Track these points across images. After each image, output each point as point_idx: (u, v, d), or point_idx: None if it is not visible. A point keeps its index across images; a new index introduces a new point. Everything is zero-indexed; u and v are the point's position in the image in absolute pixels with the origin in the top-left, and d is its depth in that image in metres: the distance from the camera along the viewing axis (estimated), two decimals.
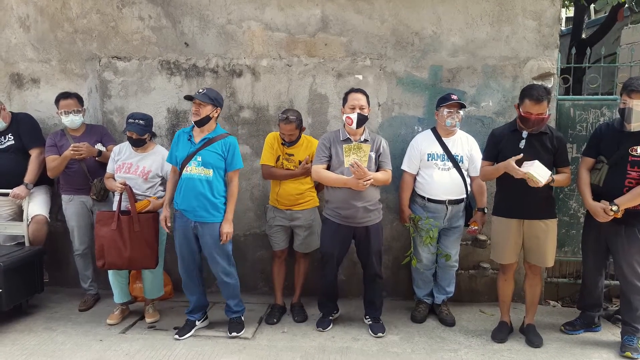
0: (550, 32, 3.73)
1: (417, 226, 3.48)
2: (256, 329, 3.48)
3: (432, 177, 3.46)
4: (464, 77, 3.77)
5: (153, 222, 3.39)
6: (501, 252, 3.27)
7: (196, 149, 3.14)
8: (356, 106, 3.18)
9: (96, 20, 3.99)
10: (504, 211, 3.24)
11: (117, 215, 3.34)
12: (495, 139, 3.23)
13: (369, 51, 3.81)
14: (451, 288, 3.68)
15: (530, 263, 3.26)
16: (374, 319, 3.46)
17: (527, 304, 3.35)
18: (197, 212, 3.15)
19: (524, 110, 3.03)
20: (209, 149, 3.15)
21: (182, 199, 3.17)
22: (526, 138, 3.08)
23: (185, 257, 3.28)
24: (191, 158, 3.13)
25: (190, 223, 3.19)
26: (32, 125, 3.93)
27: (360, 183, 3.09)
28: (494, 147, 3.22)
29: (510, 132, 3.17)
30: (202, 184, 3.12)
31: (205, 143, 3.15)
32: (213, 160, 3.14)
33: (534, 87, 3.05)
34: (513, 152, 3.06)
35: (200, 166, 3.13)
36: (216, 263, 3.24)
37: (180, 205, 3.19)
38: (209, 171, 3.14)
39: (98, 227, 3.36)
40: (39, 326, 3.52)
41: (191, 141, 3.18)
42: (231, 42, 3.90)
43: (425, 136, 3.56)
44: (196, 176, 3.13)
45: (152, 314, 3.62)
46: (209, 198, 3.14)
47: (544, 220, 3.15)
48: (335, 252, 3.34)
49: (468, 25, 3.73)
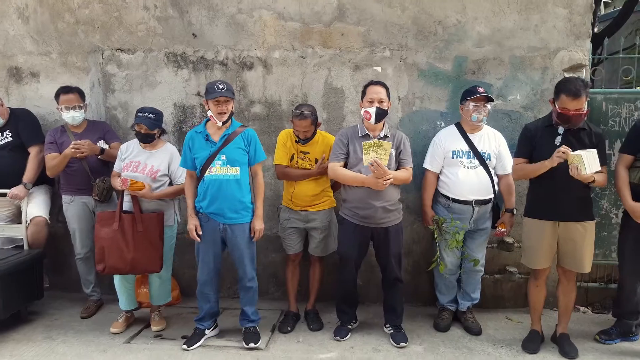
0: (582, 21, 3.50)
1: (441, 228, 3.26)
2: (269, 338, 3.26)
3: (457, 176, 3.23)
4: (490, 68, 3.55)
5: (157, 222, 3.19)
6: (534, 256, 3.05)
7: (218, 148, 2.96)
8: (375, 99, 2.98)
9: (99, 10, 3.79)
10: (537, 212, 3.01)
11: (119, 214, 3.13)
12: (529, 134, 3.01)
13: (389, 41, 3.58)
14: (477, 294, 3.46)
15: (564, 268, 3.03)
16: (395, 327, 3.25)
17: (560, 312, 3.12)
18: (227, 214, 2.99)
19: (560, 106, 2.81)
20: (232, 145, 2.98)
21: (210, 202, 2.98)
22: (563, 134, 2.86)
23: (209, 262, 3.08)
24: (214, 158, 2.96)
25: (218, 226, 3.01)
26: (31, 121, 3.74)
27: (379, 182, 2.89)
28: (528, 143, 2.99)
29: (545, 127, 2.96)
30: (231, 184, 2.96)
31: (226, 140, 2.98)
32: (238, 157, 2.99)
33: (571, 81, 2.83)
34: (548, 150, 2.86)
35: (226, 165, 2.95)
36: (244, 266, 3.08)
37: (208, 209, 3.00)
38: (235, 169, 2.97)
39: (98, 228, 3.16)
40: (38, 335, 3.32)
41: (209, 140, 2.99)
42: (241, 32, 3.68)
43: (449, 132, 3.33)
44: (223, 176, 2.95)
45: (159, 322, 3.42)
46: (239, 198, 2.99)
47: (581, 223, 2.93)
48: (353, 254, 3.14)
49: (494, 13, 3.50)
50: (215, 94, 2.89)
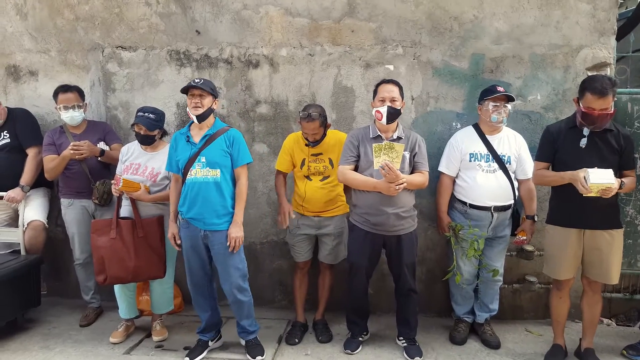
0: (607, 17, 3.30)
1: (458, 236, 3.08)
2: (276, 351, 3.10)
3: (475, 180, 3.06)
4: (508, 67, 3.36)
5: (158, 225, 3.06)
6: (557, 266, 2.86)
7: (198, 149, 2.79)
8: (387, 98, 2.81)
9: (99, 6, 3.64)
10: (561, 220, 2.83)
11: (116, 221, 2.98)
12: (551, 136, 2.82)
13: (402, 38, 3.41)
14: (495, 305, 3.28)
15: (589, 279, 2.84)
16: (409, 340, 3.07)
17: (585, 326, 2.94)
18: (206, 220, 2.79)
19: (585, 105, 2.63)
20: (213, 147, 2.79)
21: (189, 206, 2.81)
22: (588, 136, 2.68)
23: (194, 270, 2.91)
24: (194, 160, 2.78)
25: (199, 232, 2.83)
26: (29, 121, 3.61)
27: (391, 187, 2.71)
28: (550, 146, 2.81)
29: (568, 129, 2.78)
30: (209, 187, 2.77)
31: (207, 141, 2.80)
32: (219, 159, 2.79)
33: (597, 79, 2.64)
34: (572, 153, 2.69)
35: (206, 167, 2.78)
36: (229, 278, 2.87)
37: (187, 214, 2.83)
38: (215, 172, 2.78)
39: (95, 238, 3.00)
40: (34, 344, 3.18)
41: (190, 142, 2.83)
42: (247, 29, 3.52)
43: (466, 133, 3.15)
44: (202, 179, 2.77)
45: (160, 331, 3.27)
46: (219, 202, 2.79)
47: (609, 231, 2.75)
48: (364, 263, 2.97)
49: (514, 9, 3.31)
50: (189, 86, 2.75)
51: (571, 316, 3.35)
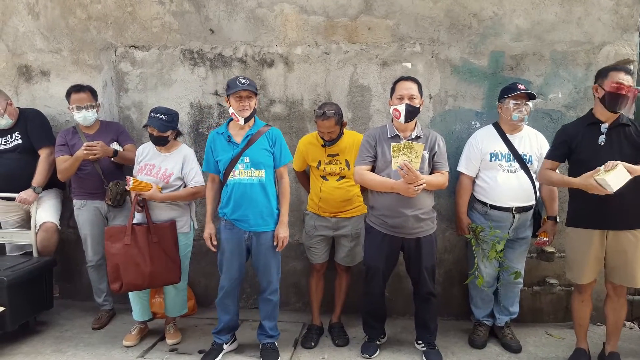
0: (630, 13, 3.22)
1: (478, 237, 3.01)
2: (292, 355, 3.04)
3: (496, 181, 2.98)
4: (529, 64, 3.29)
5: (170, 230, 3.00)
6: (579, 270, 2.78)
7: (241, 149, 2.75)
8: (405, 96, 2.74)
9: (111, 5, 3.60)
10: (582, 221, 2.74)
11: (130, 227, 2.93)
12: (566, 136, 2.73)
13: (419, 36, 3.34)
14: (515, 308, 3.20)
15: (614, 283, 2.76)
16: (429, 344, 3.00)
17: (609, 331, 2.86)
18: (251, 222, 2.78)
19: (613, 81, 2.54)
20: (256, 146, 2.77)
21: (234, 208, 2.78)
22: (606, 132, 2.61)
23: (233, 272, 2.88)
24: (237, 161, 2.75)
25: (243, 234, 2.80)
26: (41, 122, 3.57)
27: (410, 188, 2.63)
28: (562, 145, 2.73)
29: (585, 127, 2.69)
30: (255, 188, 2.75)
31: (249, 140, 2.77)
32: (263, 158, 2.77)
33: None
34: (591, 151, 2.61)
35: (250, 168, 2.75)
36: (269, 277, 2.88)
37: (232, 216, 2.79)
38: (260, 172, 2.76)
39: (109, 245, 2.93)
40: (47, 348, 3.14)
41: (232, 142, 2.79)
42: (261, 27, 3.47)
43: (486, 132, 3.08)
44: (247, 180, 2.75)
45: (174, 334, 3.22)
46: (264, 203, 2.78)
47: (633, 231, 2.66)
48: (381, 265, 2.90)
49: (534, 5, 3.24)
50: (237, 88, 2.70)
51: (593, 319, 3.27)
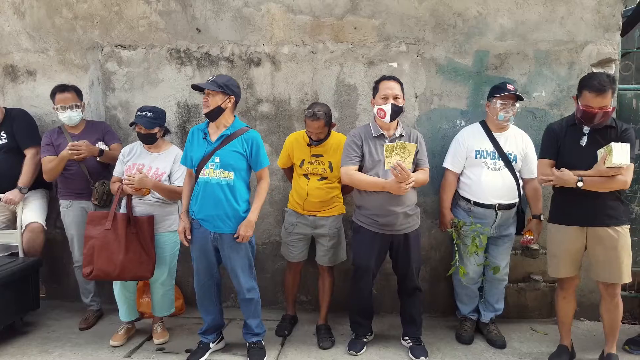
0: (611, 12, 3.27)
1: (460, 232, 3.04)
2: (279, 353, 3.05)
3: (480, 178, 3.02)
4: (513, 63, 3.32)
5: (148, 225, 2.99)
6: (556, 263, 2.84)
7: (213, 149, 2.71)
8: (389, 96, 2.77)
9: (98, 4, 3.59)
10: (561, 218, 2.80)
11: (113, 214, 2.94)
12: (554, 134, 2.78)
13: (405, 35, 3.37)
14: (500, 305, 3.24)
15: (605, 283, 2.78)
16: (415, 339, 3.03)
17: (606, 331, 2.86)
18: (216, 222, 2.74)
19: (583, 104, 2.59)
20: (228, 148, 2.72)
21: (200, 207, 2.75)
22: (588, 134, 2.65)
23: (201, 272, 2.87)
24: (208, 159, 2.70)
25: (209, 234, 2.77)
26: (27, 122, 3.55)
27: (402, 187, 2.67)
28: (554, 144, 2.76)
29: (569, 127, 2.74)
30: (221, 190, 2.71)
31: (223, 141, 2.72)
32: (233, 161, 2.71)
33: (595, 76, 2.58)
34: (573, 151, 2.66)
35: (219, 168, 2.70)
36: (238, 278, 2.84)
37: (198, 215, 2.77)
38: (229, 174, 2.71)
39: (89, 228, 2.95)
40: (33, 349, 3.12)
41: (207, 139, 2.75)
42: (248, 27, 3.48)
43: (473, 130, 3.12)
44: (214, 180, 2.70)
45: (161, 334, 3.22)
46: (230, 205, 2.72)
47: (614, 227, 2.70)
48: (371, 264, 2.93)
49: (518, 5, 3.28)
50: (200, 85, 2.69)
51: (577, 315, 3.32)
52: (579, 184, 2.60)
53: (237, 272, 2.82)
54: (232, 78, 2.80)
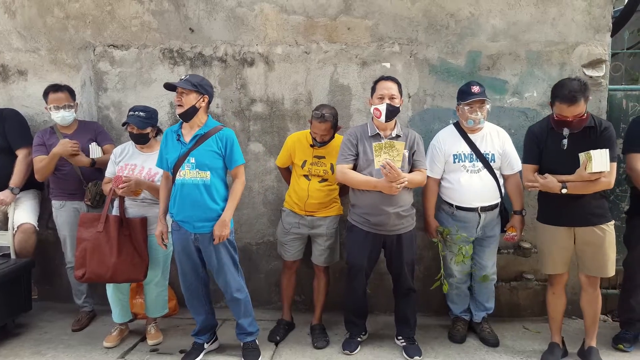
0: (602, 14, 3.31)
1: (446, 240, 3.05)
2: (273, 353, 3.06)
3: (460, 182, 3.00)
4: (505, 64, 3.35)
5: (141, 227, 2.98)
6: (547, 260, 2.89)
7: (187, 150, 2.69)
8: (385, 96, 2.78)
9: (90, 4, 3.57)
10: (550, 218, 2.84)
11: (105, 216, 2.92)
12: (535, 137, 2.79)
13: (398, 36, 3.38)
14: (491, 304, 3.26)
15: (587, 275, 2.84)
16: (408, 339, 3.05)
17: (587, 325, 2.92)
18: (195, 223, 2.72)
19: (557, 112, 2.62)
20: (203, 148, 2.70)
21: (178, 208, 2.74)
22: (568, 136, 2.66)
23: (187, 273, 2.86)
24: (183, 160, 2.69)
25: (189, 235, 2.76)
26: (18, 122, 3.52)
27: (392, 186, 2.68)
28: (535, 147, 2.79)
29: (549, 129, 2.75)
30: (198, 190, 2.69)
31: (197, 141, 2.70)
32: (209, 161, 2.69)
33: (565, 86, 2.57)
34: (554, 155, 2.69)
35: (195, 169, 2.68)
36: (224, 278, 2.82)
37: (177, 216, 2.76)
38: (205, 174, 2.69)
39: (81, 230, 2.94)
40: (26, 350, 3.11)
41: (181, 141, 2.73)
42: (242, 27, 3.47)
43: (448, 133, 3.08)
44: (191, 181, 2.69)
45: (155, 335, 3.22)
46: (208, 205, 2.70)
47: (599, 226, 2.74)
48: (364, 263, 2.94)
49: (510, 5, 3.31)
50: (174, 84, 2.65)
51: (568, 313, 3.35)
52: (563, 190, 2.64)
53: (221, 271, 2.80)
54: (205, 78, 2.80)
